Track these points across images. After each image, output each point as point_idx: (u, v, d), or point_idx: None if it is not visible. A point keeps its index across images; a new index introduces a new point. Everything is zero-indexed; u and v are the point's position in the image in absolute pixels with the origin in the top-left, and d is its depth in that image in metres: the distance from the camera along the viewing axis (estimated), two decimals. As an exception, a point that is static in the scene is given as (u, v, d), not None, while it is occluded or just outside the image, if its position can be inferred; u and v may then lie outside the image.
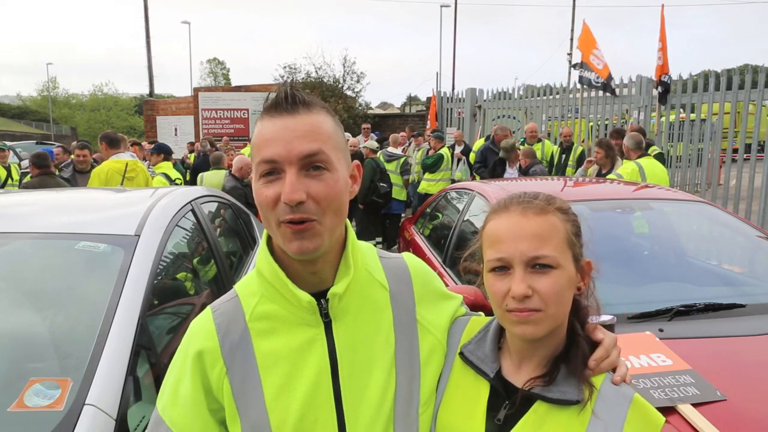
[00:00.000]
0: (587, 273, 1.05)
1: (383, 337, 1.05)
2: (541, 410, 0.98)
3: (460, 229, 3.77)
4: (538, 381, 0.99)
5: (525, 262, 0.97)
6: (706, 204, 3.50)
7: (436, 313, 1.13)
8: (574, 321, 1.04)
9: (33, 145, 21.15)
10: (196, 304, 2.40)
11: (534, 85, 11.89)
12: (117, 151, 5.59)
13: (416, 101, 43.01)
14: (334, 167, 0.96)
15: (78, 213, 2.43)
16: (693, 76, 8.96)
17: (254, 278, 1.06)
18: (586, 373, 0.99)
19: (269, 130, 0.95)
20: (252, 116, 19.08)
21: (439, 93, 14.68)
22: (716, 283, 2.90)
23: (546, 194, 1.06)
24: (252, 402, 0.98)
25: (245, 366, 1.00)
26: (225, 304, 1.06)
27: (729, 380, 1.94)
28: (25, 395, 1.48)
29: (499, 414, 1.01)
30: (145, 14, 25.33)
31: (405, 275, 1.13)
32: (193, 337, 1.04)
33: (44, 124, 49.35)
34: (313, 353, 1.00)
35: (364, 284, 1.06)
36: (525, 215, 1.00)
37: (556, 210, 1.02)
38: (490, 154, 8.03)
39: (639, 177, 5.17)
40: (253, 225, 4.08)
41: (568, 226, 1.02)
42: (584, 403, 0.96)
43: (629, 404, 0.97)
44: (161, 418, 1.01)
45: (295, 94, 0.96)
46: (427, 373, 1.07)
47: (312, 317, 1.00)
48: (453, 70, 27.86)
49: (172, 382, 1.03)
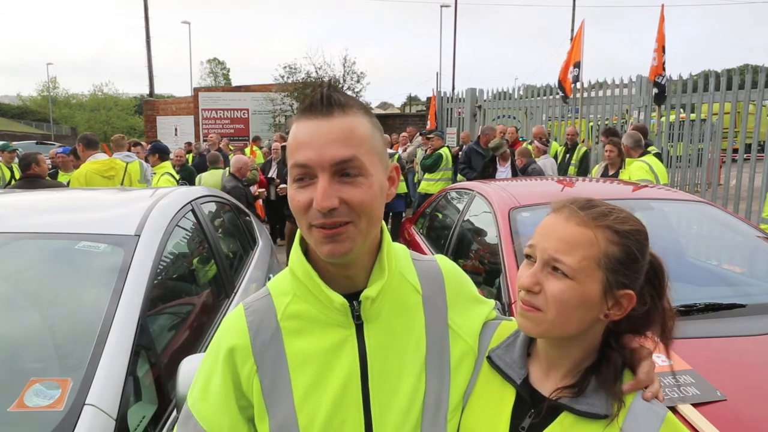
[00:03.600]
0: (622, 305, 0.97)
1: (414, 342, 1.04)
2: (567, 422, 0.96)
3: (460, 229, 3.77)
4: (566, 391, 0.97)
5: (545, 260, 0.96)
6: (706, 204, 3.50)
7: (468, 318, 1.11)
8: (611, 340, 1.00)
9: (33, 145, 21.14)
10: (196, 304, 2.40)
11: (534, 85, 11.92)
12: (94, 151, 5.63)
13: (416, 101, 43.03)
14: (369, 172, 0.93)
15: (78, 213, 2.43)
16: (693, 76, 8.97)
17: (287, 277, 1.06)
18: (618, 388, 0.95)
19: (303, 133, 0.93)
20: (252, 116, 19.09)
21: (439, 93, 14.69)
22: (716, 283, 2.90)
23: (610, 208, 1.00)
24: (281, 401, 0.98)
25: (276, 365, 1.00)
26: (257, 302, 1.06)
27: (729, 380, 1.94)
28: (25, 395, 1.48)
29: (524, 422, 0.99)
30: (145, 14, 25.35)
31: (438, 279, 1.12)
32: (225, 334, 1.04)
33: (44, 124, 49.35)
34: (344, 355, 0.99)
35: (397, 287, 1.05)
36: (568, 220, 0.97)
37: (607, 227, 0.96)
38: (474, 155, 8.09)
39: (650, 175, 5.12)
40: (253, 225, 4.08)
41: (613, 248, 0.95)
42: (612, 418, 0.93)
43: (661, 423, 0.93)
44: (191, 412, 1.01)
45: (332, 95, 0.93)
46: (457, 379, 1.06)
47: (344, 319, 1.00)
48: (453, 70, 27.86)
49: (203, 378, 1.04)
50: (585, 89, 10.43)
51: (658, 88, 8.96)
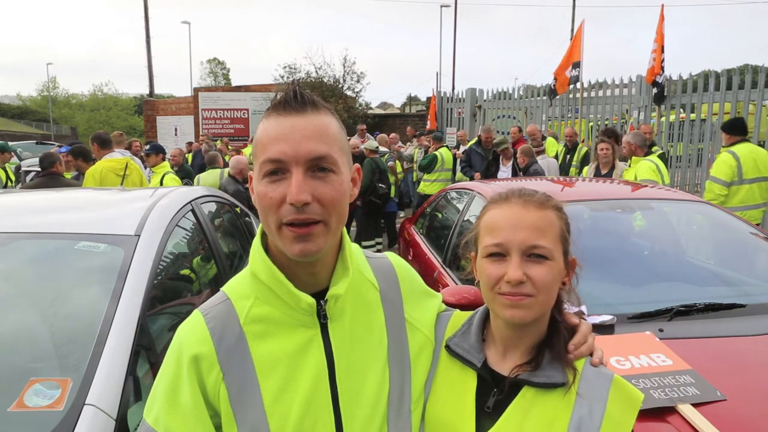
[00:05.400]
0: (572, 269, 1.11)
1: (377, 337, 1.05)
2: (529, 395, 1.03)
3: (460, 229, 3.77)
4: (524, 367, 1.05)
5: (522, 251, 1.02)
6: (706, 204, 3.50)
7: (423, 311, 1.15)
8: (554, 311, 1.09)
9: (33, 145, 21.15)
10: (196, 304, 2.39)
11: (534, 85, 11.93)
12: (109, 151, 5.73)
13: (416, 101, 42.98)
14: (340, 170, 0.95)
15: (78, 213, 2.42)
16: (693, 76, 8.97)
17: (246, 280, 1.04)
18: (569, 357, 1.05)
19: (276, 128, 0.93)
20: (252, 116, 19.09)
21: (439, 93, 14.70)
22: (716, 283, 2.90)
23: (543, 192, 1.12)
24: (250, 407, 0.96)
25: (242, 371, 0.98)
26: (216, 308, 1.03)
27: (729, 380, 1.94)
28: (25, 395, 1.48)
29: (489, 402, 1.05)
30: (145, 14, 25.36)
31: (392, 274, 1.14)
32: (185, 342, 1.00)
33: (44, 124, 49.34)
34: (311, 355, 0.99)
35: (358, 285, 1.06)
36: (526, 207, 1.06)
37: (553, 207, 1.09)
38: (475, 156, 8.16)
39: (657, 175, 5.12)
40: (253, 225, 4.08)
41: (562, 223, 1.08)
42: (569, 385, 1.02)
43: (610, 383, 1.04)
44: (154, 430, 0.96)
45: (304, 93, 0.95)
46: (418, 371, 1.08)
47: (309, 319, 0.99)
48: (453, 70, 27.83)
49: (164, 390, 0.99)
50: (585, 89, 10.43)
51: (657, 88, 8.96)
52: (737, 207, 5.06)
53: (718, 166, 5.29)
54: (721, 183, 5.21)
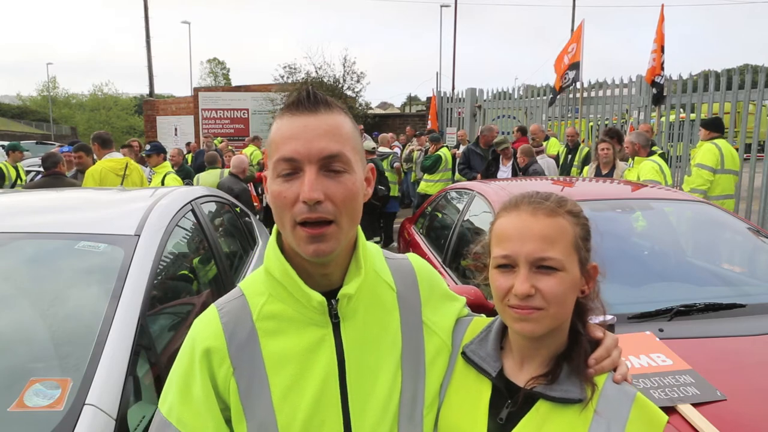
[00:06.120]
0: (592, 277, 1.05)
1: (390, 339, 1.05)
2: (543, 409, 0.98)
3: (460, 229, 3.77)
4: (540, 380, 1.00)
5: (530, 263, 0.98)
6: (706, 204, 3.50)
7: (441, 315, 1.13)
8: (576, 321, 1.04)
9: (33, 145, 21.13)
10: (196, 304, 2.40)
11: (534, 85, 11.91)
12: (110, 150, 5.75)
13: (416, 101, 43.00)
14: (353, 169, 0.95)
15: (78, 213, 2.42)
16: (693, 76, 8.96)
17: (261, 277, 1.05)
18: (589, 372, 0.99)
19: (289, 127, 0.94)
20: (252, 116, 19.09)
21: (439, 93, 14.69)
22: (716, 283, 2.90)
23: (559, 196, 1.05)
24: (259, 402, 0.97)
25: (252, 366, 0.99)
26: (231, 303, 1.05)
27: (729, 380, 1.94)
28: (25, 395, 1.48)
29: (502, 413, 1.01)
30: (145, 14, 25.35)
31: (411, 276, 1.13)
32: (199, 336, 1.02)
33: (44, 124, 49.32)
34: (321, 354, 0.99)
35: (373, 285, 1.06)
36: (535, 215, 1.01)
37: (567, 213, 1.02)
38: (473, 156, 8.14)
39: (660, 176, 5.13)
40: (253, 225, 4.08)
41: (578, 229, 1.02)
42: (587, 401, 0.96)
43: (632, 402, 0.97)
44: (167, 420, 0.98)
45: (317, 93, 0.96)
46: (432, 375, 1.07)
47: (321, 317, 1.00)
48: (453, 70, 27.85)
49: (178, 383, 1.01)
50: (585, 89, 10.43)
51: (657, 88, 8.96)
52: (718, 196, 5.48)
53: (704, 154, 5.65)
54: (709, 170, 5.57)
